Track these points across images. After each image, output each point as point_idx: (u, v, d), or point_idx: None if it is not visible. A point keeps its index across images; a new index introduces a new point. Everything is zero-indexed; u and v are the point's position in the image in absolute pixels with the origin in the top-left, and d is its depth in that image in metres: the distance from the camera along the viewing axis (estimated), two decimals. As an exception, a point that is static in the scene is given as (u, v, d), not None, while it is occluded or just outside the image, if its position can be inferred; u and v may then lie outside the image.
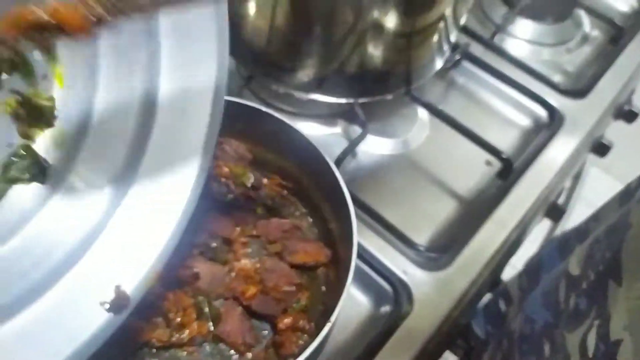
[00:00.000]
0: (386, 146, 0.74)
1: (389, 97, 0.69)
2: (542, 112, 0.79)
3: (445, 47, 0.72)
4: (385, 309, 0.58)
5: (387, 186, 0.70)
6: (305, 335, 0.48)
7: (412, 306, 0.57)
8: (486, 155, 0.73)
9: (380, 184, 0.70)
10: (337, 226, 0.53)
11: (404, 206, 0.68)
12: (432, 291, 0.59)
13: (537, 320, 0.51)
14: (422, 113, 0.77)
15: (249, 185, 0.56)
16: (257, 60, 0.67)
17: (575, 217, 0.89)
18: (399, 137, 0.75)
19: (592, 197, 0.97)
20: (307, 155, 0.52)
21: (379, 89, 0.68)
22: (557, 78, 0.84)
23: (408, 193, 0.70)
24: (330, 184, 0.51)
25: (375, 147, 0.73)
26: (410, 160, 0.73)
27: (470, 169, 0.73)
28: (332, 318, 0.41)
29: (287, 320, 0.48)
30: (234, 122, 0.56)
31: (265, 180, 0.57)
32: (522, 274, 0.63)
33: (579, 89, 0.81)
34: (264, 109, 0.53)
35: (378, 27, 0.61)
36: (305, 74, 0.65)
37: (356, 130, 0.73)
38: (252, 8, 0.63)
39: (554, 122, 0.76)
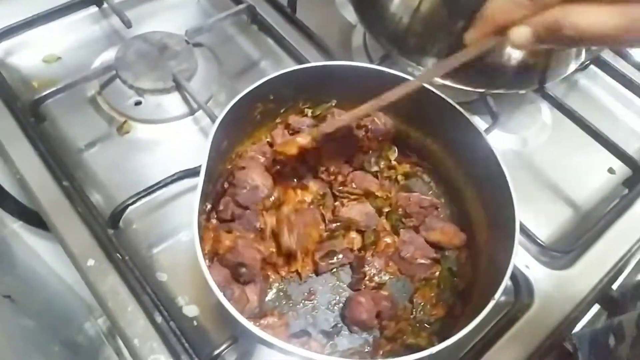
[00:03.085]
0: (507, 141, 0.73)
1: (522, 91, 0.69)
2: (671, 125, 0.76)
3: (583, 52, 0.71)
4: (504, 299, 0.59)
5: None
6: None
7: (532, 300, 0.58)
8: (609, 162, 0.72)
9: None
10: (476, 210, 0.54)
11: (521, 204, 0.67)
12: (553, 289, 0.59)
13: None
14: (546, 113, 0.76)
15: (392, 160, 0.57)
16: (396, 40, 0.68)
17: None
18: (520, 134, 0.74)
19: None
20: (459, 135, 0.53)
21: (514, 83, 0.68)
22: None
23: (525, 191, 0.69)
24: (479, 166, 0.51)
25: (496, 140, 0.72)
26: (530, 158, 0.72)
27: (590, 175, 0.72)
28: (496, 296, 0.42)
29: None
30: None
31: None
32: None
33: None
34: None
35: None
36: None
37: (479, 121, 0.73)
38: (402, -12, 0.64)
39: (685, 136, 0.73)
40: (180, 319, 0.54)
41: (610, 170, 0.72)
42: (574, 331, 0.58)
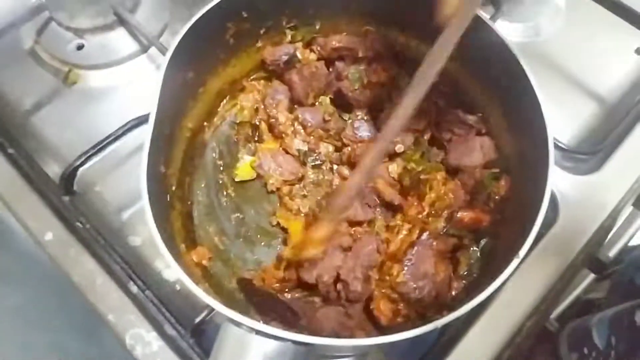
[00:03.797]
0: (516, 32, 0.63)
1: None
2: None
3: None
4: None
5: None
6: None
7: (556, 213, 0.50)
8: (636, 42, 0.61)
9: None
10: (503, 136, 0.46)
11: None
12: (580, 197, 0.51)
13: None
14: (558, -5, 0.65)
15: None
16: None
17: None
18: (530, 22, 0.63)
19: None
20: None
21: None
22: None
23: (541, 87, 0.60)
24: (494, 69, 0.43)
25: (502, 32, 0.62)
26: (543, 50, 0.62)
27: (615, 60, 0.62)
28: (521, 253, 0.36)
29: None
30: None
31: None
32: None
33: None
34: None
35: None
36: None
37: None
38: None
39: None
40: (160, 285, 0.48)
41: (638, 51, 0.62)
42: (594, 317, 0.50)
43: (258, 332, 0.33)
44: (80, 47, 0.58)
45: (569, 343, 0.51)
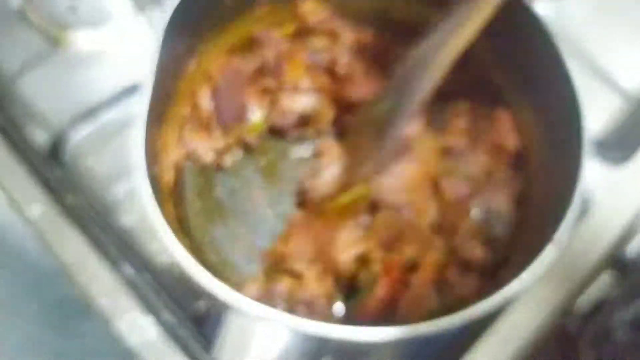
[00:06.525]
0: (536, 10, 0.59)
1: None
2: None
3: None
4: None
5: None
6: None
7: (585, 206, 0.47)
8: (667, 31, 0.58)
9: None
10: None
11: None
12: (608, 191, 0.48)
13: None
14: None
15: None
16: None
17: None
18: (545, 2, 0.60)
19: None
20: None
21: None
22: None
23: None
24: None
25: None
26: (566, 32, 0.57)
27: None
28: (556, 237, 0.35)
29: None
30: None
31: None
32: None
33: None
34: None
35: None
36: None
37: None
38: None
39: None
40: (158, 267, 0.44)
41: (671, 40, 0.59)
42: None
43: (266, 320, 0.29)
44: (73, 7, 0.54)
45: (590, 344, 0.48)
